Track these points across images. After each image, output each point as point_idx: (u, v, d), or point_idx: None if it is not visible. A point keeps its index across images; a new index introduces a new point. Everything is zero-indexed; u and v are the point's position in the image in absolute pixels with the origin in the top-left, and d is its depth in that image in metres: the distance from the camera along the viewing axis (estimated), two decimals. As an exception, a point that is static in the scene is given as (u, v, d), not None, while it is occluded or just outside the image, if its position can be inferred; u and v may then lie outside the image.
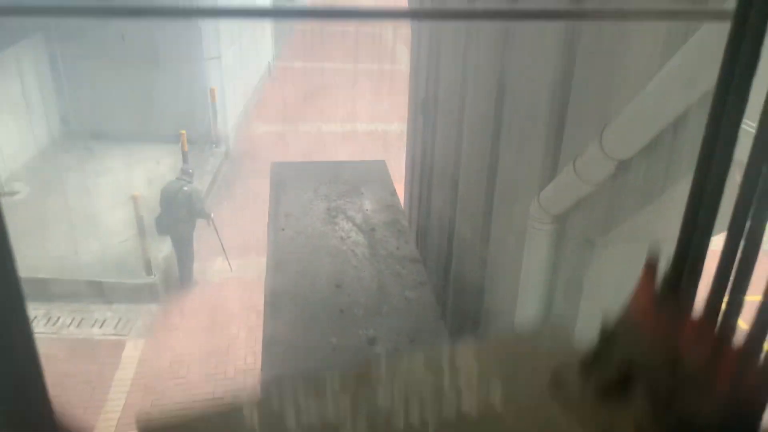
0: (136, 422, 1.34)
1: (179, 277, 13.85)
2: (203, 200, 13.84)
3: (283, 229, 7.21)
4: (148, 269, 13.30)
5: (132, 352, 11.47)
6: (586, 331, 1.50)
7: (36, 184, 17.33)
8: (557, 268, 5.44)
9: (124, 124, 19.30)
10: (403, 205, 8.66)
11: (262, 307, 6.20)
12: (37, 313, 12.27)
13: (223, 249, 14.05)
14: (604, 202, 4.65)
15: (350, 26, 30.12)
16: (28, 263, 12.67)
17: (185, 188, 13.09)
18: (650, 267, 1.34)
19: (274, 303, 5.99)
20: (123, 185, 15.42)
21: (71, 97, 20.37)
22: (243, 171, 19.08)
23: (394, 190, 8.25)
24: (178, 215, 13.06)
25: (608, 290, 4.41)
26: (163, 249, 14.17)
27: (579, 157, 4.58)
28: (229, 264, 14.14)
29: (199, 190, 13.83)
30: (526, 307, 5.69)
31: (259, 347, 6.74)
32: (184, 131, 16.98)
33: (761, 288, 1.24)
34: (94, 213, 15.00)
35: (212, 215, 13.92)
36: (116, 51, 17.97)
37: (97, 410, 9.84)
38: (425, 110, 10.16)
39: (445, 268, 9.06)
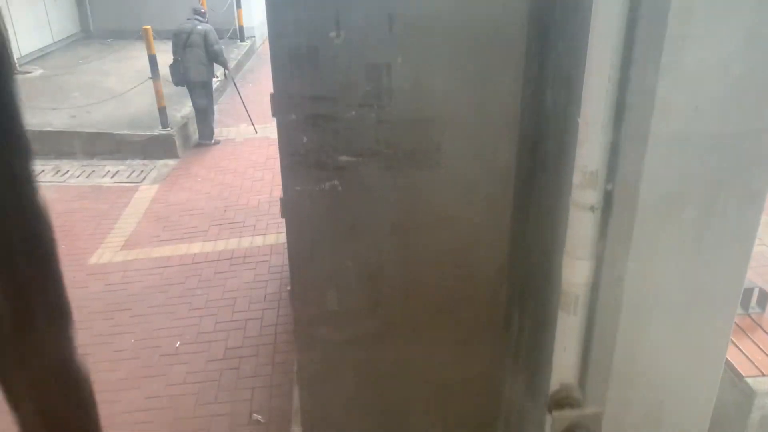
0: None
1: (199, 133, 12.63)
2: (220, 43, 12.43)
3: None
4: (164, 121, 12.06)
5: (144, 194, 10.30)
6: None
7: (51, 67, 16.42)
8: None
9: (145, 22, 18.10)
10: None
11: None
12: (44, 167, 11.21)
13: (246, 111, 12.86)
14: None
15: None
16: (36, 120, 11.81)
17: (199, 27, 11.79)
18: None
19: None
20: (141, 70, 14.16)
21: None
22: (267, 63, 17.70)
23: None
24: (194, 58, 11.77)
25: None
26: (181, 109, 12.95)
27: None
28: (254, 127, 13.01)
29: (214, 30, 12.36)
30: None
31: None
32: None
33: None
34: (109, 87, 14.12)
35: (229, 64, 12.81)
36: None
37: (101, 237, 8.79)
38: None
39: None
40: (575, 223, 3.36)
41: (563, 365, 3.25)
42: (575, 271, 3.48)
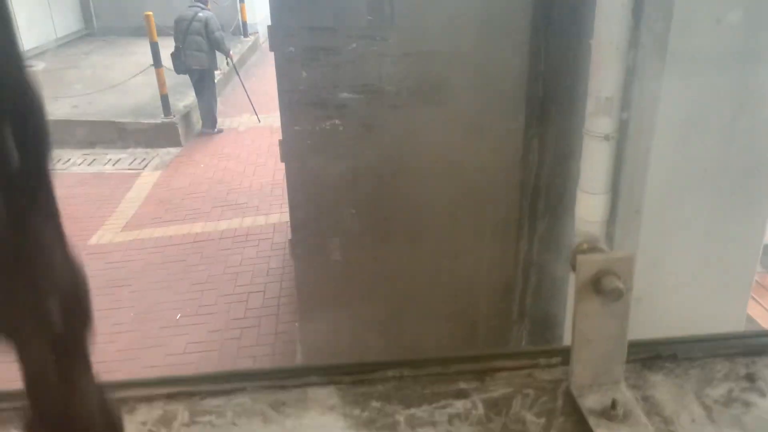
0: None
1: (202, 122, 12.48)
2: (221, 31, 12.26)
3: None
4: (167, 109, 11.93)
5: (146, 180, 10.17)
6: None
7: (53, 61, 16.31)
8: None
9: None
10: None
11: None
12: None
13: (250, 100, 12.71)
14: None
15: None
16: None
17: (200, 14, 11.63)
18: None
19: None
20: (144, 65, 14.03)
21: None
22: (270, 58, 17.68)
23: None
24: (195, 46, 11.62)
25: None
26: (184, 99, 12.81)
27: None
28: (257, 116, 12.85)
29: (215, 17, 12.24)
30: None
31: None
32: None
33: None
34: (111, 79, 14.00)
35: (231, 52, 12.73)
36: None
37: (101, 220, 8.68)
38: None
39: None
40: (589, 155, 3.19)
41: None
42: (590, 208, 3.32)
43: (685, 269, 3.22)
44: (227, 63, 13.19)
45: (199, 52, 11.68)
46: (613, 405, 1.32)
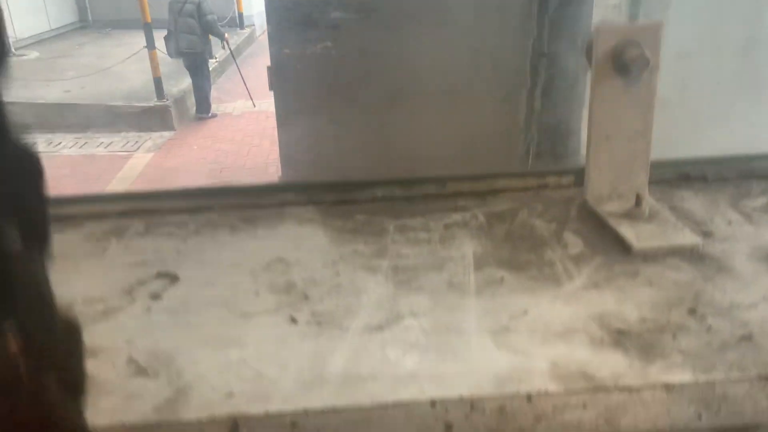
0: None
1: (196, 106, 12.35)
2: (215, 15, 12.24)
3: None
4: (160, 93, 11.79)
5: (138, 161, 10.04)
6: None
7: (47, 51, 16.21)
8: None
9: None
10: None
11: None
12: (36, 140, 10.84)
13: (245, 83, 12.65)
14: None
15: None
16: (29, 94, 11.51)
17: (193, -4, 11.57)
18: None
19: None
20: (138, 54, 13.94)
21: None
22: (266, 49, 17.60)
23: None
24: (187, 29, 11.55)
25: None
26: (178, 84, 12.64)
27: None
28: (252, 101, 12.75)
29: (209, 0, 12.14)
30: None
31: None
32: None
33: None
34: (105, 67, 13.85)
35: (226, 35, 12.66)
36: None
37: (93, 196, 8.54)
38: None
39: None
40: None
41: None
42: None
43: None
44: (222, 46, 13.08)
45: (191, 35, 11.57)
46: (638, 201, 1.14)
